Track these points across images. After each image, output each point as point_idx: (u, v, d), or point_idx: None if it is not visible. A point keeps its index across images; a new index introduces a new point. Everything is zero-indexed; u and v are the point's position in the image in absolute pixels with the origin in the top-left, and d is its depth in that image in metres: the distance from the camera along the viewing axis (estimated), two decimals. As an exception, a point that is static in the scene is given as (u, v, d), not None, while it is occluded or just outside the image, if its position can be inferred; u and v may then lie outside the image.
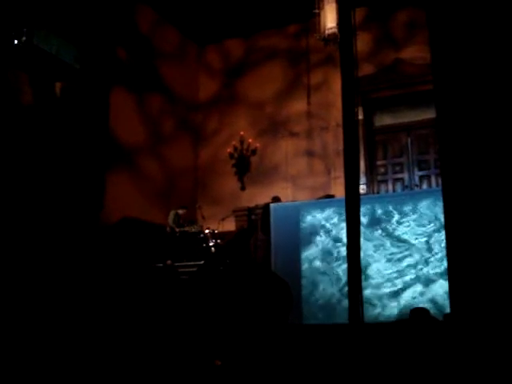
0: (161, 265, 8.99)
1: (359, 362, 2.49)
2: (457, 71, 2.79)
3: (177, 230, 10.24)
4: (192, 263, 9.25)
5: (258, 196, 11.14)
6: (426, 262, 7.51)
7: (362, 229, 3.11)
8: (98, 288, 7.15)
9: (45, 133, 8.43)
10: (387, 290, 7.59)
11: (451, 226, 2.54)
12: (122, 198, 9.79)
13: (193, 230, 10.44)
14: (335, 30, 9.51)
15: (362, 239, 2.81)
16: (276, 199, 10.20)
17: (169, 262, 8.98)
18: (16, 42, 7.97)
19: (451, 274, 2.53)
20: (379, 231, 7.88)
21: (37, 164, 8.13)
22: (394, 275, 7.63)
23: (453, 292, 2.46)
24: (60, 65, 8.91)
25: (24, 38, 8.01)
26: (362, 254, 2.85)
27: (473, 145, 2.60)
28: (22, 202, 7.71)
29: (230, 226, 10.66)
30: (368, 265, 7.52)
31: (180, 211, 10.56)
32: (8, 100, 7.91)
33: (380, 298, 7.58)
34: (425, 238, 7.62)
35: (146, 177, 10.80)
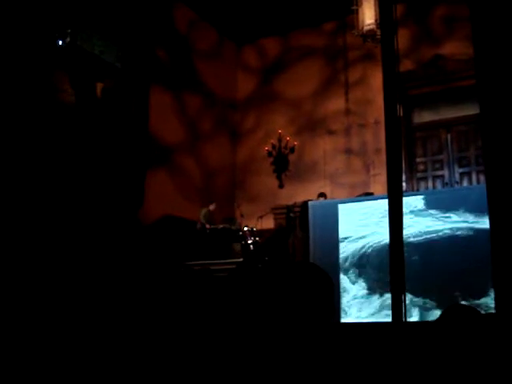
0: (197, 262, 9.03)
1: (401, 363, 2.47)
2: (500, 66, 2.75)
3: (207, 226, 10.30)
4: (231, 260, 9.29)
5: (296, 194, 11.12)
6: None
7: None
8: (137, 285, 7.23)
9: (87, 132, 8.57)
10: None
11: (496, 224, 2.51)
12: (162, 195, 9.90)
13: (221, 228, 10.47)
14: (374, 27, 9.47)
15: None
16: (322, 195, 10.20)
17: (206, 266, 9.01)
18: (60, 43, 8.13)
19: (496, 273, 2.50)
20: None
21: (79, 163, 8.27)
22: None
23: (498, 292, 2.43)
24: (102, 65, 9.06)
25: (68, 39, 8.17)
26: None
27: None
28: (63, 199, 7.86)
29: (268, 223, 10.66)
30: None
31: (211, 207, 10.62)
32: (51, 100, 8.08)
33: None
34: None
35: (184, 175, 10.91)
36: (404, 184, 10.45)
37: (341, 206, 8.69)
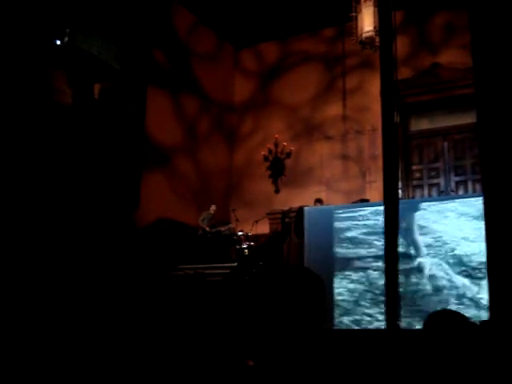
0: (190, 266, 9.01)
1: (394, 371, 2.46)
2: (498, 75, 2.75)
3: (208, 230, 10.30)
4: (226, 265, 9.26)
5: (292, 199, 11.10)
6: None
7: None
8: (130, 287, 7.22)
9: (83, 133, 8.55)
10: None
11: (492, 232, 2.51)
12: (157, 198, 9.88)
13: (225, 231, 10.48)
14: (372, 34, 9.48)
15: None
16: (319, 201, 10.20)
17: (199, 270, 8.98)
18: (58, 42, 8.12)
19: (491, 279, 2.49)
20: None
21: (75, 164, 8.25)
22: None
23: (493, 298, 2.42)
24: (100, 65, 9.05)
25: (66, 39, 8.16)
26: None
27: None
28: (58, 199, 7.83)
29: (263, 228, 10.64)
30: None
31: (211, 209, 10.63)
32: (48, 100, 8.05)
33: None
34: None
35: (180, 177, 10.89)
36: (400, 191, 10.45)
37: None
